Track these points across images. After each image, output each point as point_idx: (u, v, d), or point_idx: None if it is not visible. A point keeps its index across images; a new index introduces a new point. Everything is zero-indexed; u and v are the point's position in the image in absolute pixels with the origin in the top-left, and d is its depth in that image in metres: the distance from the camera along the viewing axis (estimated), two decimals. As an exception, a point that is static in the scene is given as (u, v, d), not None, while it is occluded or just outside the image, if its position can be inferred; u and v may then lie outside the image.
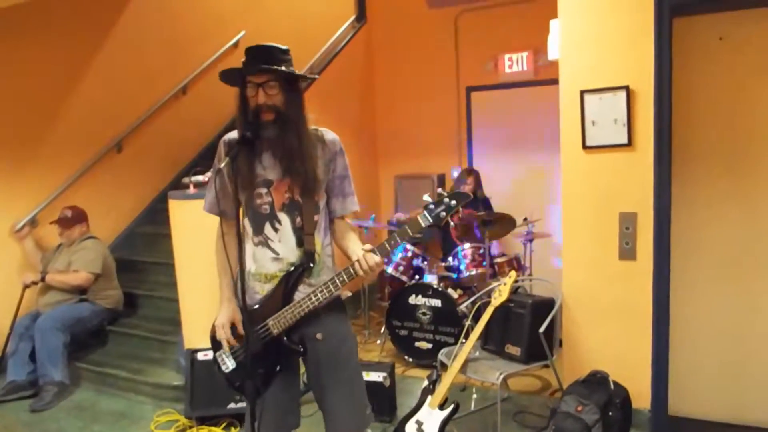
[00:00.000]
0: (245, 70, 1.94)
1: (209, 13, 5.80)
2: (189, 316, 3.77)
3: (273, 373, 2.08)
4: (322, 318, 2.08)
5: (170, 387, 3.82)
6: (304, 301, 2.00)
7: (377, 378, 3.30)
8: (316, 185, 2.03)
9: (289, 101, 1.97)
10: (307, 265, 2.04)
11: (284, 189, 2.04)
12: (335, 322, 2.12)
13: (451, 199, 1.92)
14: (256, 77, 1.93)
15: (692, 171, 3.07)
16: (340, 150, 2.10)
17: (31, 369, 4.00)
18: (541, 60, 5.28)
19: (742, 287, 3.03)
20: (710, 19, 2.96)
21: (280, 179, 2.03)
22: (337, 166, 2.10)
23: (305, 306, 2.00)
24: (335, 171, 2.10)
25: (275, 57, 1.95)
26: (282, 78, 1.95)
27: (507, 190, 5.44)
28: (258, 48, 1.96)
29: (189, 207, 3.60)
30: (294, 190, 2.03)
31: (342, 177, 2.12)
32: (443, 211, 1.92)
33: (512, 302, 3.31)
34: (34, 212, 4.54)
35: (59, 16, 4.65)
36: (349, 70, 5.97)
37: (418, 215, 1.94)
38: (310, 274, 2.06)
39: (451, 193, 1.94)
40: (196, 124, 5.62)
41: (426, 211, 1.93)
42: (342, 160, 2.11)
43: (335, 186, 2.12)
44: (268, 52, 1.95)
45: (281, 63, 1.95)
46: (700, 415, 3.11)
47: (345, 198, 2.14)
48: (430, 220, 1.92)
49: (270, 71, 1.92)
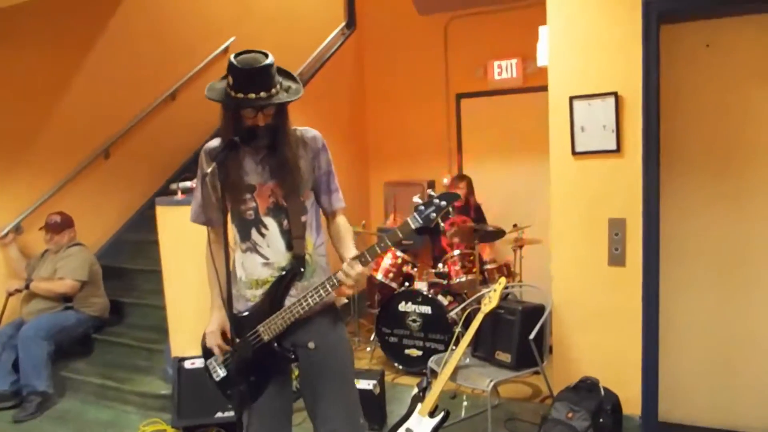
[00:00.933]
0: (255, 103, 1.84)
1: (199, 19, 5.78)
2: (176, 323, 3.73)
3: (265, 381, 2.04)
4: (316, 324, 2.05)
5: (157, 396, 3.76)
6: (294, 306, 1.97)
7: (367, 386, 3.28)
8: (299, 186, 2.01)
9: (279, 114, 1.95)
10: (297, 269, 2.01)
11: (267, 193, 2.01)
12: (329, 329, 2.09)
13: (441, 200, 1.88)
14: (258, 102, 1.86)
15: (680, 176, 3.09)
16: (322, 146, 2.08)
17: (15, 379, 3.93)
18: (530, 67, 5.30)
19: (732, 291, 3.04)
20: (697, 26, 2.99)
21: (262, 183, 2.01)
22: (322, 162, 2.08)
23: (295, 311, 1.97)
24: (320, 168, 2.08)
25: (271, 76, 1.87)
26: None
27: (497, 196, 5.45)
28: (251, 71, 1.84)
29: (177, 213, 3.57)
30: (278, 194, 2.01)
31: (327, 173, 2.10)
32: (433, 212, 1.87)
33: (502, 309, 3.30)
34: (19, 219, 4.48)
35: (47, 22, 4.61)
36: (339, 76, 5.96)
37: (408, 217, 1.91)
38: (302, 278, 2.03)
39: (441, 194, 1.91)
40: (185, 131, 5.59)
41: (416, 213, 1.89)
42: (325, 155, 2.09)
43: (322, 182, 2.10)
44: (265, 74, 1.85)
45: (274, 80, 1.89)
46: (690, 421, 3.11)
47: (331, 194, 2.12)
48: (420, 221, 1.88)
49: (281, 104, 1.89)
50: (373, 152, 6.37)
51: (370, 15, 6.20)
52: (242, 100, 1.85)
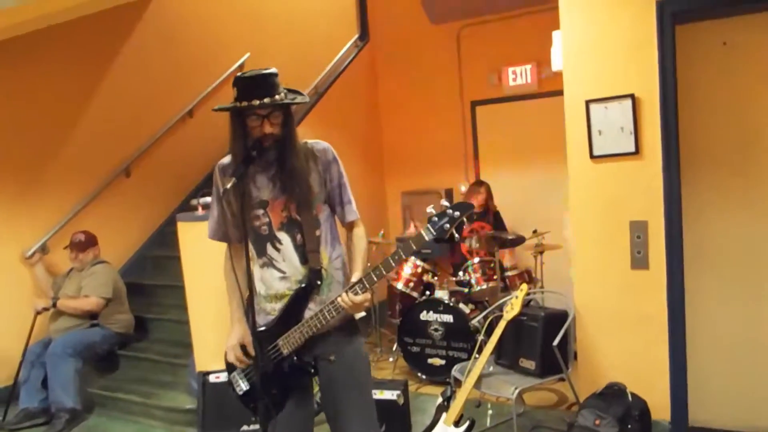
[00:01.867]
0: (256, 106, 1.89)
1: (213, 36, 5.86)
2: (200, 338, 3.76)
3: (286, 394, 2.05)
4: (334, 339, 2.06)
5: (182, 410, 3.79)
6: (311, 319, 1.99)
7: (391, 396, 3.27)
8: (311, 200, 2.03)
9: (285, 125, 1.97)
10: (314, 283, 2.02)
11: (280, 208, 2.03)
12: (347, 344, 2.10)
13: (454, 211, 1.86)
14: (260, 109, 1.91)
15: (701, 177, 3.05)
16: (333, 158, 2.09)
17: (44, 396, 3.99)
18: (544, 72, 5.28)
19: (757, 292, 2.98)
20: (713, 25, 2.96)
21: (274, 199, 2.03)
22: (333, 175, 2.09)
23: (313, 324, 1.98)
24: (332, 180, 2.09)
25: (274, 85, 1.92)
26: (285, 106, 1.94)
27: (515, 202, 5.42)
28: (254, 79, 1.91)
29: (197, 228, 3.60)
30: (290, 208, 2.03)
31: (339, 185, 2.10)
32: (447, 223, 1.86)
33: (525, 315, 3.27)
34: (44, 239, 4.57)
35: (65, 43, 4.72)
36: (354, 88, 6.00)
37: (422, 229, 1.89)
38: (319, 291, 2.04)
39: (454, 204, 1.88)
40: (204, 147, 5.65)
41: (429, 224, 1.87)
42: (336, 167, 2.09)
43: (335, 195, 2.11)
44: (267, 82, 1.91)
45: (278, 88, 1.93)
46: (720, 425, 3.04)
47: (344, 206, 2.12)
48: (434, 233, 1.86)
49: (279, 105, 1.91)
50: (389, 162, 6.38)
51: (382, 26, 6.24)
52: (246, 107, 1.89)
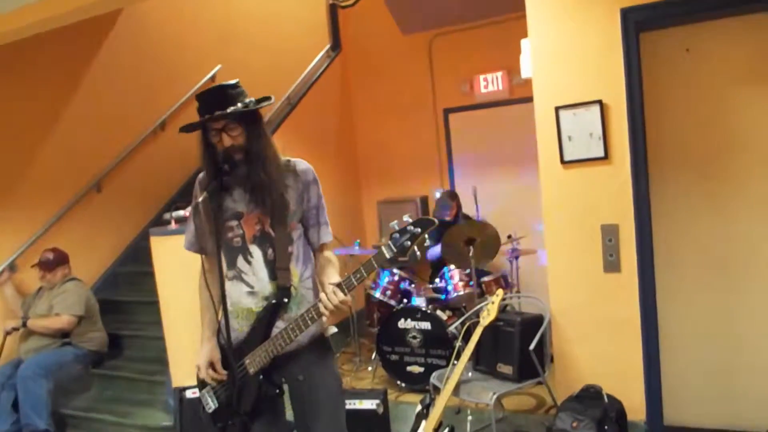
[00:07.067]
0: (203, 119, 1.92)
1: (184, 49, 5.82)
2: (176, 353, 3.71)
3: (255, 413, 2.03)
4: (304, 358, 2.05)
5: (159, 428, 3.73)
6: (276, 338, 1.96)
7: (370, 405, 3.25)
8: (286, 215, 2.02)
9: (252, 136, 1.97)
10: (281, 300, 2.00)
11: (254, 221, 2.02)
12: (317, 362, 2.09)
13: (415, 227, 1.83)
14: (215, 123, 1.92)
15: (670, 180, 3.12)
16: (313, 179, 2.09)
17: (15, 419, 3.88)
18: (515, 79, 5.36)
19: (727, 291, 3.05)
20: (676, 32, 3.04)
21: (249, 212, 2.02)
22: (311, 196, 2.08)
23: (277, 344, 1.96)
24: (309, 201, 2.08)
25: (228, 97, 1.93)
26: (240, 116, 1.94)
27: (490, 208, 5.46)
28: (209, 93, 1.95)
29: (171, 243, 3.57)
30: (264, 222, 2.02)
31: (316, 207, 2.10)
32: (408, 240, 1.82)
33: (501, 321, 3.30)
34: (13, 257, 4.46)
35: (34, 58, 4.63)
36: (327, 98, 6.00)
37: (383, 245, 1.87)
38: (287, 309, 2.02)
39: (415, 220, 1.85)
40: (176, 160, 5.58)
41: (390, 241, 1.85)
42: (316, 189, 2.09)
43: (311, 216, 2.10)
44: (220, 95, 1.93)
45: (235, 100, 1.93)
46: (695, 424, 3.10)
47: (320, 227, 2.12)
48: (394, 249, 1.83)
49: (226, 116, 1.90)
50: (364, 171, 6.38)
51: (354, 36, 6.26)
52: (198, 122, 1.93)
